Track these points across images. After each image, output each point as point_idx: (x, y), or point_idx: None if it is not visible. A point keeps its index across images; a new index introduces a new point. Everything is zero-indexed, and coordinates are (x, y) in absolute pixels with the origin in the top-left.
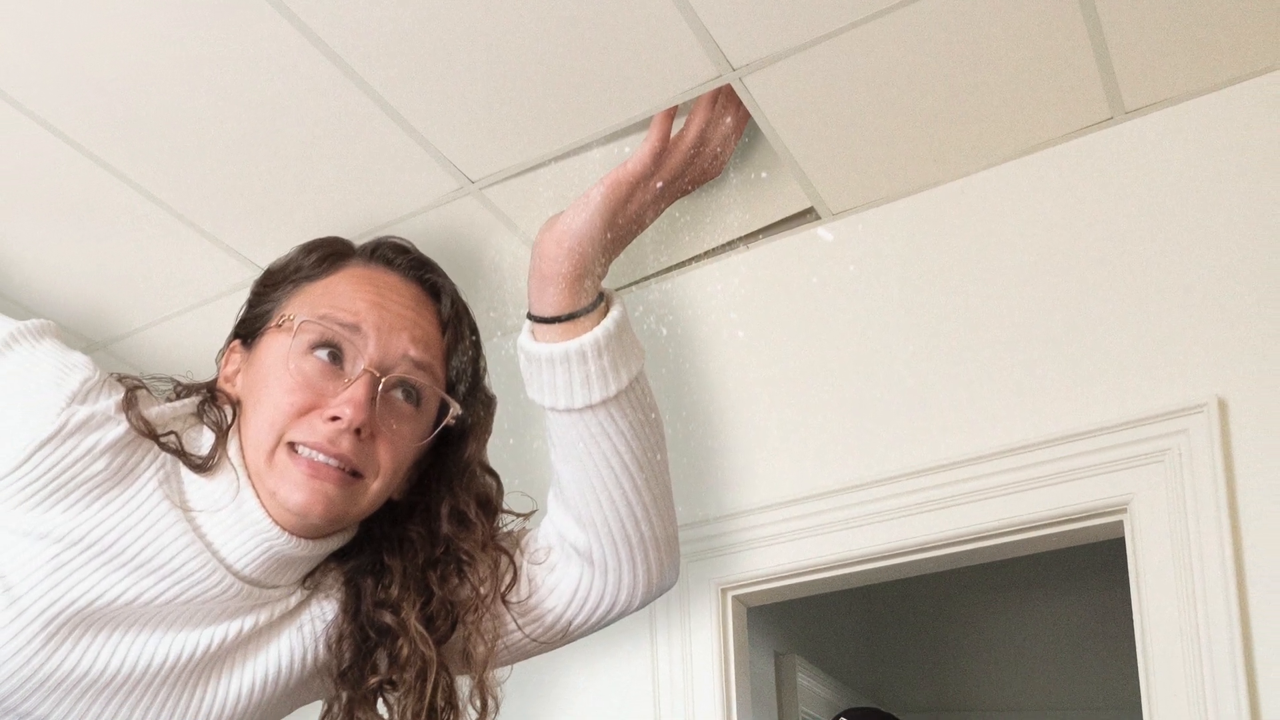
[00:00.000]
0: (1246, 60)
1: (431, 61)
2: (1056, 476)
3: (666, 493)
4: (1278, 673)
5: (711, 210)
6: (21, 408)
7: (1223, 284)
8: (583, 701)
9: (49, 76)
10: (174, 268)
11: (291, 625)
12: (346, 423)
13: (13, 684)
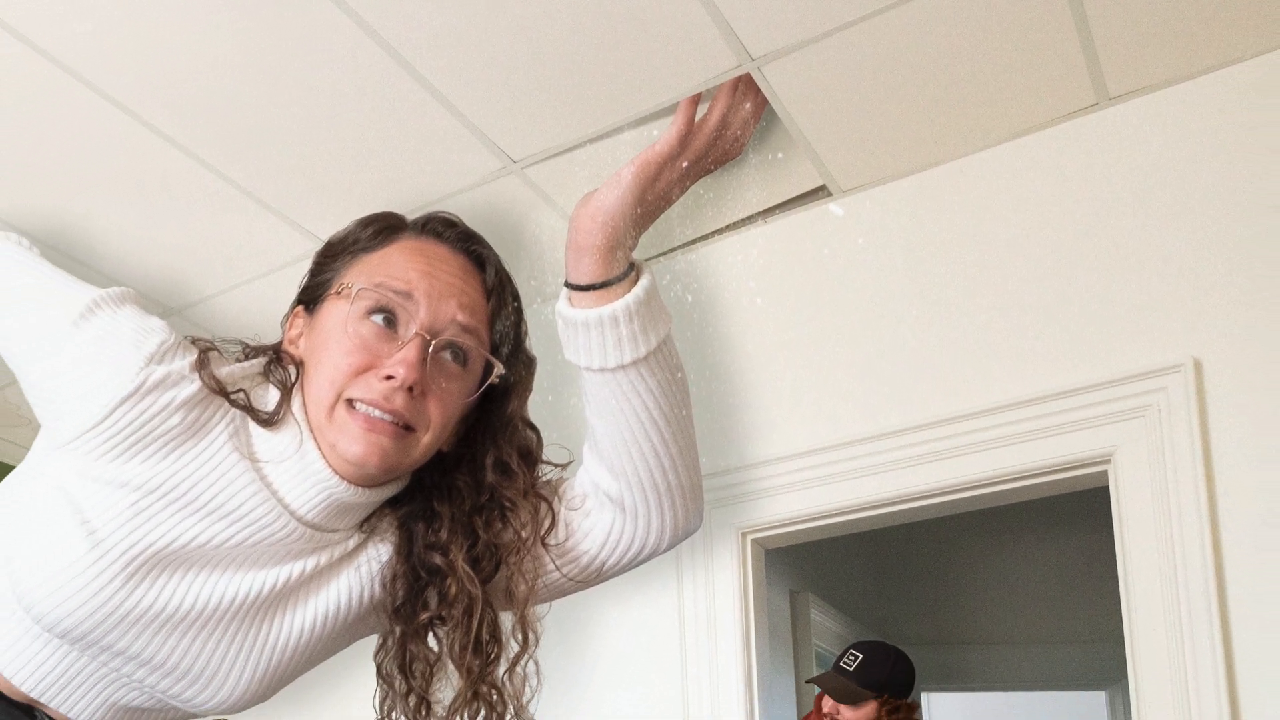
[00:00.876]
0: (1221, 50)
1: (477, 52)
2: (1046, 430)
3: (691, 445)
4: (1248, 608)
5: (732, 188)
6: (104, 368)
7: (1198, 255)
8: (615, 635)
9: (133, 70)
10: (242, 240)
11: (350, 566)
12: (400, 381)
13: (95, 619)
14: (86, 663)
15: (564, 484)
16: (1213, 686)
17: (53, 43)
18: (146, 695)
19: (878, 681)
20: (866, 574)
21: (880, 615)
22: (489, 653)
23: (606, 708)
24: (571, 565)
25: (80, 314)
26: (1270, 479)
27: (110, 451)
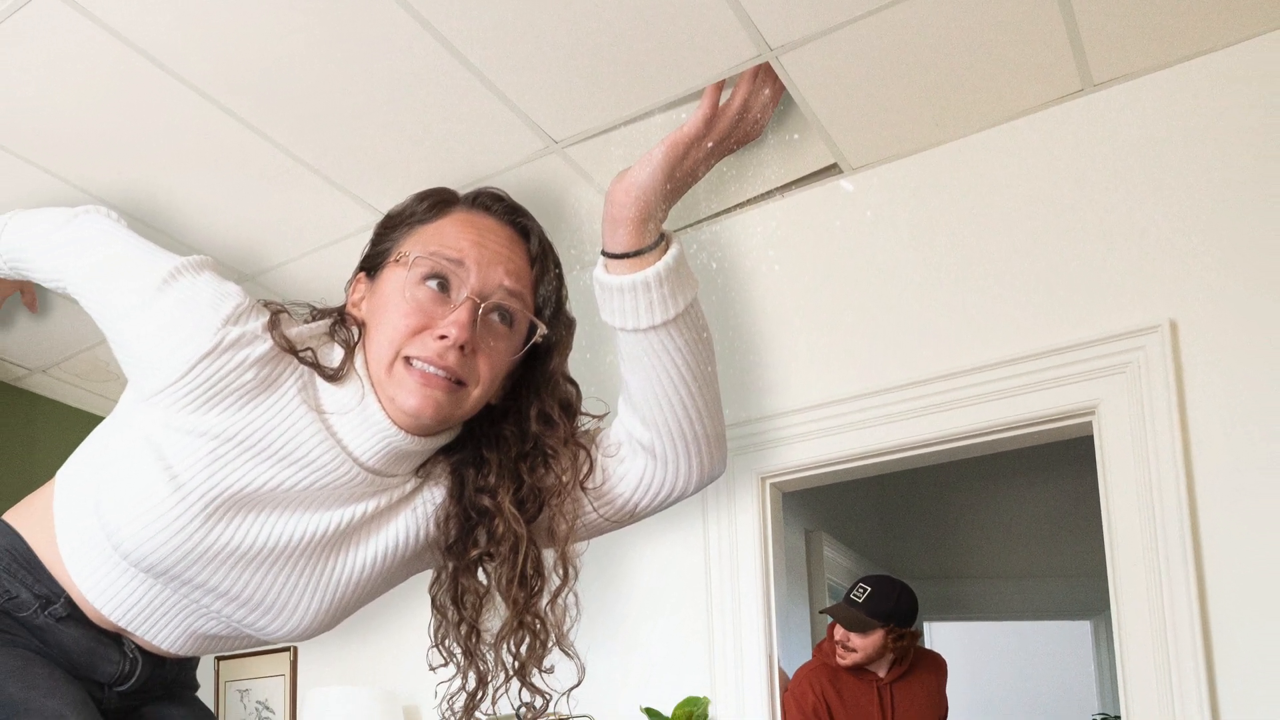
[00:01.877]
0: (1195, 41)
1: (523, 43)
2: (1037, 385)
3: (716, 398)
4: (1220, 545)
5: (752, 166)
6: (185, 328)
7: (1174, 227)
8: (646, 571)
9: (214, 60)
10: (310, 213)
11: (407, 507)
12: (452, 340)
13: (177, 556)
14: (169, 595)
15: (601, 433)
16: (1187, 615)
17: (142, 36)
18: (223, 624)
19: (884, 612)
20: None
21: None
22: (533, 586)
23: (639, 636)
24: (607, 507)
25: (164, 280)
26: (1239, 429)
27: (191, 404)
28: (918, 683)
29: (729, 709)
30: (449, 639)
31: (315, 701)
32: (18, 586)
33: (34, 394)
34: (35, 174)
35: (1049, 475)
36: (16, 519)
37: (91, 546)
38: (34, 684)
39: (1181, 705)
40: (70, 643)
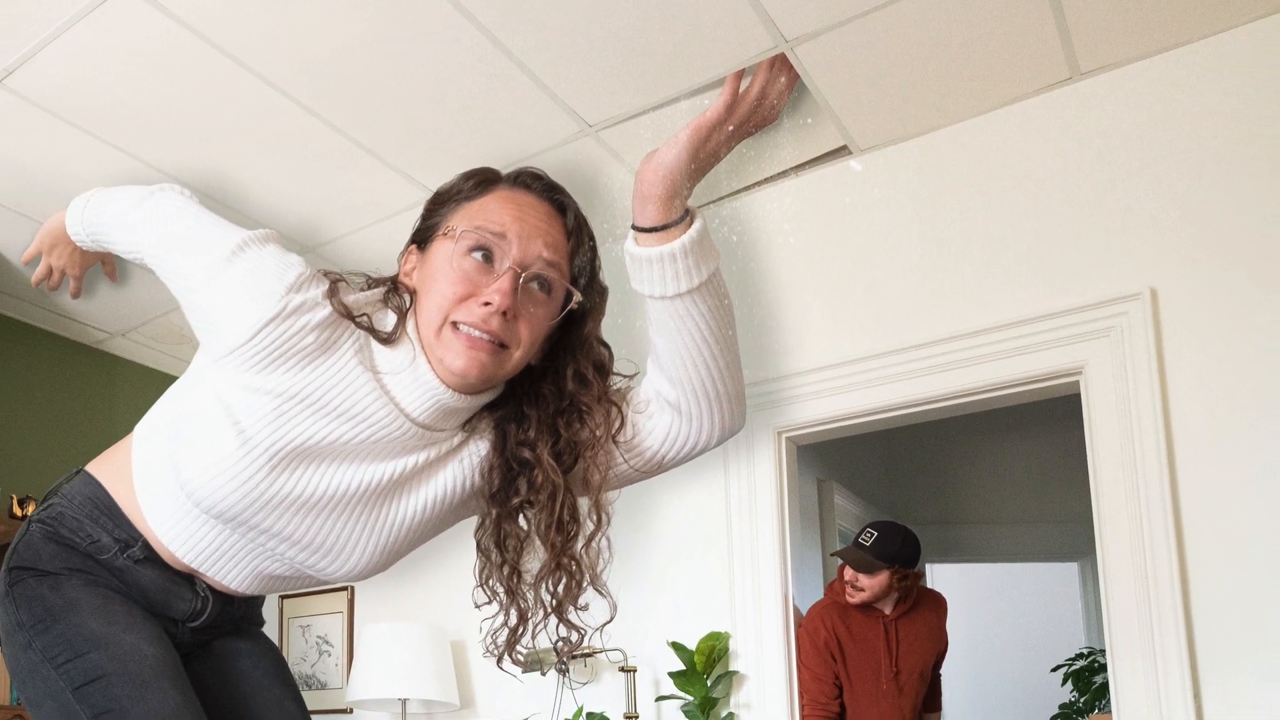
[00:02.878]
0: (1174, 33)
1: (560, 35)
2: (1030, 347)
3: (736, 359)
4: (1196, 493)
5: (769, 148)
6: (251, 295)
7: (1154, 203)
8: (673, 517)
9: (278, 51)
10: (365, 191)
11: (454, 459)
12: (496, 307)
13: (244, 503)
14: (237, 539)
15: (631, 391)
16: (1166, 557)
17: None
18: (286, 565)
19: (890, 554)
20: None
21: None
22: (569, 530)
23: (666, 577)
24: (637, 458)
25: (232, 251)
26: (1214, 387)
27: (257, 364)
28: (920, 619)
29: (748, 643)
30: (493, 579)
31: (370, 636)
32: (99, 531)
33: (114, 356)
34: (116, 155)
35: (1040, 430)
36: (98, 470)
37: (166, 494)
38: (114, 620)
39: (1160, 640)
40: (147, 583)
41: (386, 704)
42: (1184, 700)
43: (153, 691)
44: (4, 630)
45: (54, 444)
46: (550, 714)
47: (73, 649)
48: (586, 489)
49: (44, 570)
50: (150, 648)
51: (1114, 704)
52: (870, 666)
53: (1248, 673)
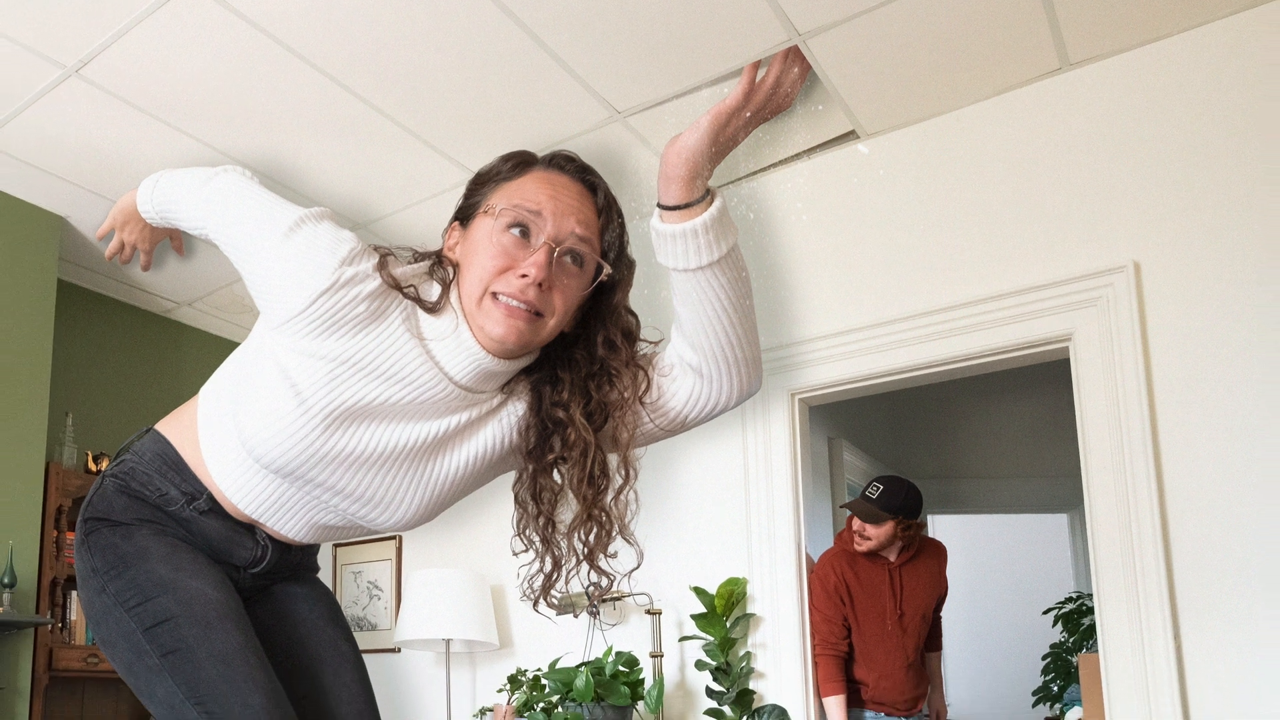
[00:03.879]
0: (1157, 27)
1: (592, 29)
2: (1023, 316)
3: (753, 327)
4: (1176, 449)
5: (783, 133)
6: (308, 268)
7: (1137, 184)
8: (695, 472)
9: (333, 42)
10: (411, 171)
11: (494, 419)
12: (532, 278)
13: (301, 459)
14: (294, 492)
15: (657, 356)
16: (1148, 509)
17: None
18: (339, 517)
19: (894, 506)
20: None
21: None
22: (600, 484)
23: (687, 527)
24: (662, 418)
25: (290, 227)
26: (1192, 352)
27: (312, 331)
28: (922, 566)
29: (763, 588)
30: (529, 529)
31: (417, 581)
32: (167, 485)
33: (181, 324)
34: (183, 139)
35: (1032, 392)
36: (166, 428)
37: (229, 451)
38: (180, 566)
39: (1143, 584)
40: (211, 532)
41: (431, 644)
42: (1165, 639)
43: (216, 632)
44: (80, 576)
45: (126, 405)
46: (582, 653)
47: (143, 593)
48: (615, 446)
49: (117, 521)
50: (214, 592)
51: (1100, 644)
52: (876, 609)
53: (1223, 614)
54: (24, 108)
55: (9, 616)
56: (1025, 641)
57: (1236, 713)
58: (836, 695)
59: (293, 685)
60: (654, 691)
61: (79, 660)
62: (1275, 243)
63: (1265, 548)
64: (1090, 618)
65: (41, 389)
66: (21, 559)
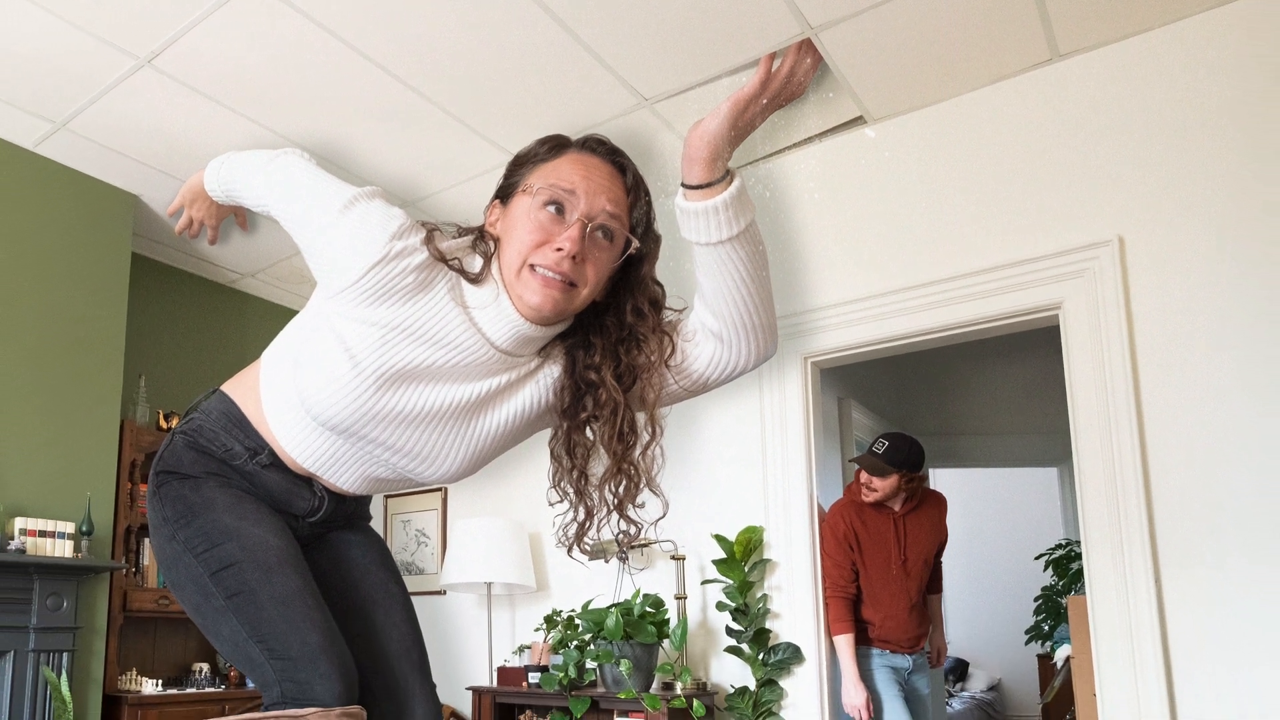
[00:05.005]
0: (1138, 21)
1: (621, 22)
2: (1016, 286)
3: (769, 296)
4: (1156, 408)
5: (797, 118)
6: (361, 242)
7: (1121, 165)
8: (716, 429)
9: (380, 33)
10: (455, 153)
11: (531, 380)
12: (567, 252)
13: (354, 417)
14: (348, 448)
15: (681, 323)
16: (1131, 463)
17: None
18: (389, 470)
19: (899, 460)
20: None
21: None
22: (628, 440)
23: (709, 480)
24: (685, 379)
25: (345, 205)
26: (1171, 320)
27: (365, 300)
28: (924, 515)
29: (779, 535)
30: (564, 482)
31: (461, 530)
32: (232, 441)
33: (245, 293)
34: (246, 124)
35: (1025, 355)
36: (231, 389)
37: (289, 410)
38: (244, 516)
39: (1126, 532)
40: (272, 484)
41: (474, 587)
42: (1147, 582)
43: (277, 576)
44: (152, 525)
45: (194, 367)
46: (612, 595)
47: (210, 540)
48: (643, 405)
49: (185, 474)
50: (275, 539)
51: (1088, 586)
52: (882, 555)
53: (1200, 559)
54: (100, 95)
55: (87, 562)
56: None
57: (1212, 649)
58: (845, 634)
59: (347, 624)
60: (678, 630)
61: (151, 602)
62: (1247, 219)
63: (1239, 498)
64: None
65: (116, 353)
66: (98, 509)
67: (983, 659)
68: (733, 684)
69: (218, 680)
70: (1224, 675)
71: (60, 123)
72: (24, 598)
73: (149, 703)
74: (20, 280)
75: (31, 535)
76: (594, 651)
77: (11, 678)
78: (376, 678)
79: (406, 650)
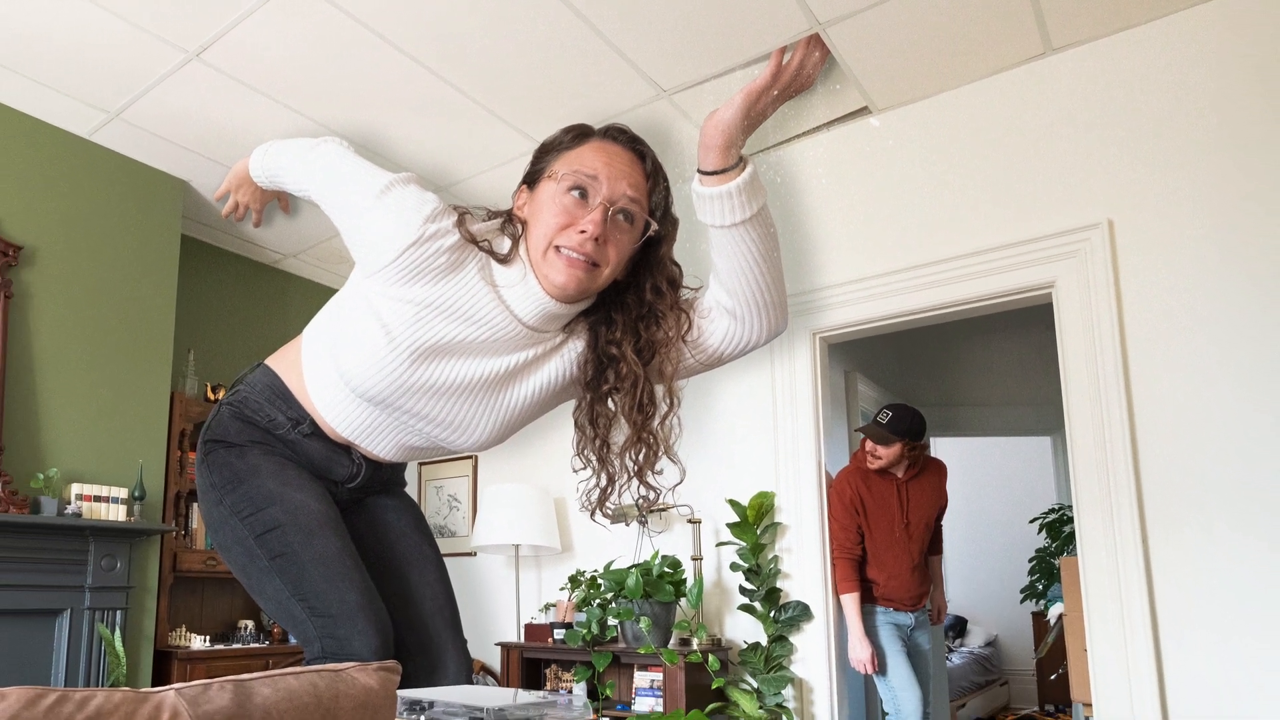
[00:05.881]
0: (1125, 17)
1: (641, 18)
2: (1013, 265)
3: (780, 275)
4: (1143, 381)
5: (806, 108)
6: (397, 225)
7: (1111, 153)
8: (729, 401)
9: (414, 28)
10: (485, 141)
11: (557, 355)
12: (590, 234)
13: (390, 389)
14: (384, 418)
15: (697, 301)
16: (1120, 432)
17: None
18: (423, 439)
19: (902, 430)
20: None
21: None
22: (648, 411)
23: (723, 449)
24: (701, 354)
25: (382, 189)
26: (1157, 298)
27: (400, 279)
28: (926, 481)
29: (789, 500)
30: (587, 450)
31: (490, 495)
32: (275, 412)
33: (287, 273)
34: (288, 114)
35: (1021, 331)
36: (274, 363)
37: (329, 382)
38: (287, 482)
39: (1115, 497)
40: (314, 452)
41: (503, 548)
42: (1135, 545)
43: (318, 538)
44: (200, 490)
45: (239, 342)
46: (632, 556)
47: (254, 505)
48: (661, 378)
49: (231, 442)
50: (316, 504)
51: (1079, 548)
52: (886, 518)
53: (1185, 523)
54: (151, 87)
55: (139, 525)
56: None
57: (1197, 607)
58: (851, 593)
59: (383, 584)
60: (694, 590)
61: (199, 562)
62: (1228, 204)
63: (1222, 465)
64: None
65: (167, 329)
66: (150, 475)
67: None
68: (745, 640)
69: (262, 636)
70: (1209, 633)
71: (114, 113)
72: (80, 559)
73: (197, 657)
74: (77, 261)
75: (87, 500)
76: (615, 609)
77: (69, 634)
78: (411, 634)
79: (439, 608)
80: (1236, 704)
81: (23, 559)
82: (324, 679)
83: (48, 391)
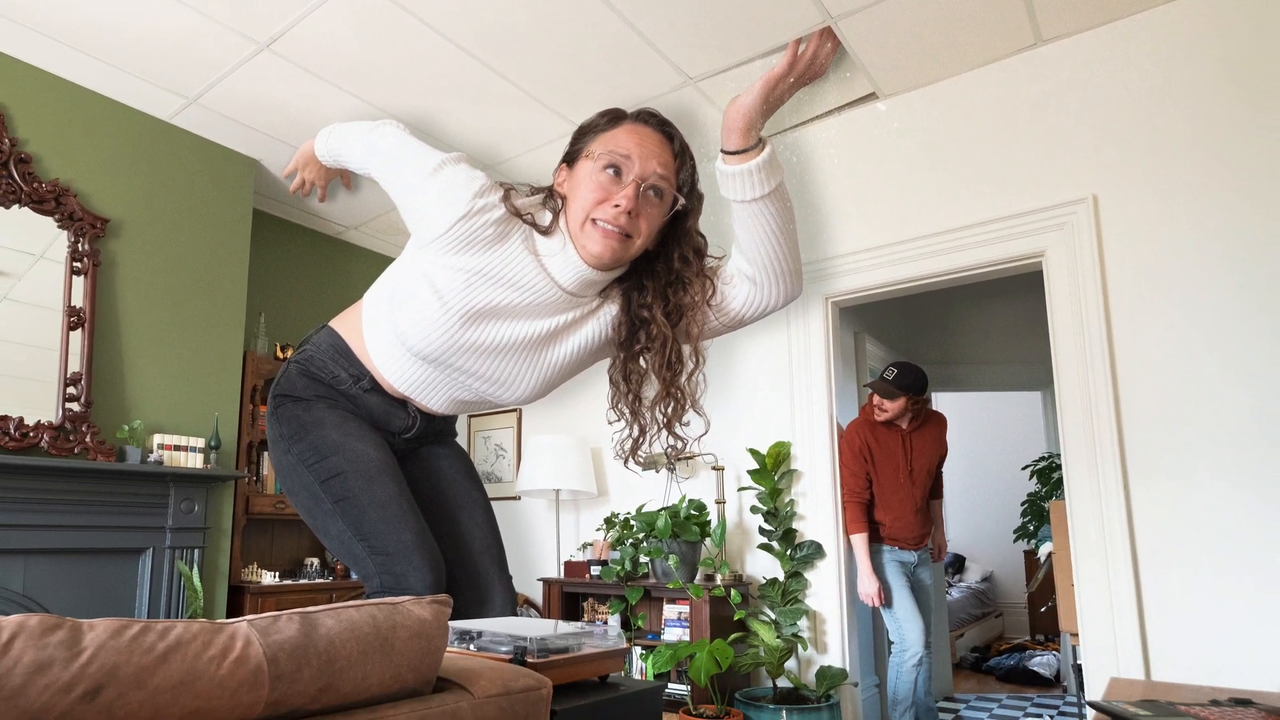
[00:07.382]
0: (1111, 10)
1: (671, 12)
2: (1006, 236)
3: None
4: (1125, 341)
5: (819, 94)
6: (448, 199)
7: (1096, 135)
8: (749, 360)
9: (463, 20)
10: (528, 124)
11: (593, 318)
12: (623, 208)
13: (443, 348)
14: (437, 374)
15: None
16: (1104, 388)
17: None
18: (473, 394)
19: (906, 385)
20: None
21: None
22: (676, 368)
23: (744, 403)
24: (724, 317)
25: (434, 168)
26: (1138, 267)
27: (452, 249)
28: (928, 432)
29: (804, 449)
30: (620, 403)
31: (533, 444)
32: (338, 369)
33: (349, 243)
34: (350, 99)
35: (1014, 296)
36: (337, 324)
37: (387, 342)
38: (349, 433)
39: (1100, 447)
40: (373, 406)
41: (544, 493)
42: (1117, 490)
43: (377, 484)
44: (270, 440)
45: (306, 306)
46: (661, 500)
47: (319, 454)
48: (688, 339)
49: (298, 397)
50: (375, 453)
51: (1066, 493)
52: (892, 466)
53: (1164, 471)
54: (226, 74)
55: (215, 471)
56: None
57: (1173, 547)
58: (860, 533)
59: (436, 525)
60: (718, 530)
61: (269, 506)
62: (1199, 182)
63: (1198, 418)
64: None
65: (240, 294)
66: (225, 427)
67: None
68: (764, 576)
69: (326, 572)
70: (1184, 570)
71: (192, 98)
72: (161, 502)
73: (267, 591)
74: (158, 233)
75: (168, 449)
76: (646, 548)
77: (151, 570)
78: (461, 570)
79: (487, 547)
80: (1209, 631)
81: (110, 503)
82: (382, 611)
83: (132, 351)
